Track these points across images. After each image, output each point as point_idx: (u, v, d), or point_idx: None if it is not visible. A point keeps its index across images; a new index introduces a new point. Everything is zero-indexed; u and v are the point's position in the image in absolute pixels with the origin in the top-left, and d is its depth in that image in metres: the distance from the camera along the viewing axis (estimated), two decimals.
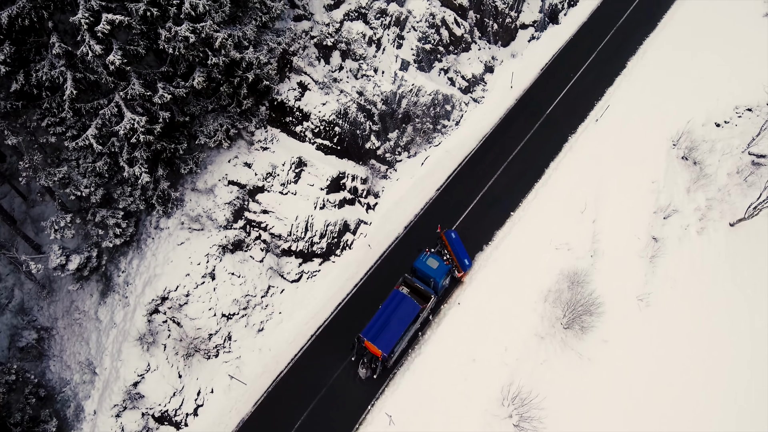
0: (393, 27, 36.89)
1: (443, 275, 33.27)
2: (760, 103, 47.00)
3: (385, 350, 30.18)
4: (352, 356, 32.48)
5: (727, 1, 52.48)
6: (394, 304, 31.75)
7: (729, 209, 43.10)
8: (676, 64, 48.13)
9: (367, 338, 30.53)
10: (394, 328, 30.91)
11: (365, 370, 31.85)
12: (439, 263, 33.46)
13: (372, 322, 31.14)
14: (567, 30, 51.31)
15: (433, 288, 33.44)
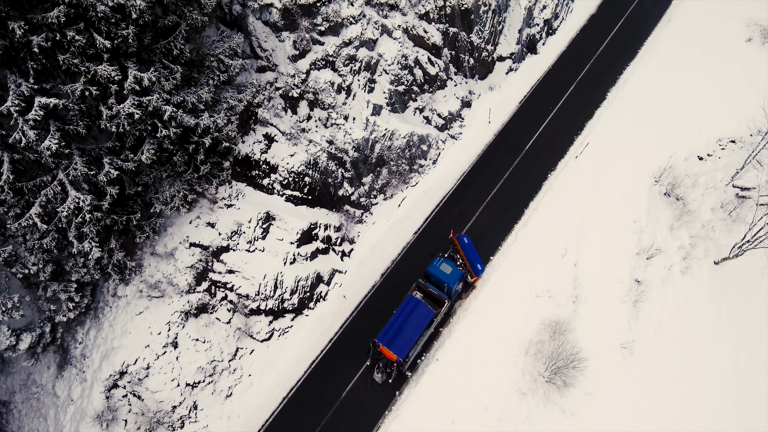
0: (363, 72, 35.60)
1: (457, 280, 33.98)
2: (744, 134, 46.27)
3: (400, 355, 30.70)
4: (367, 361, 32.92)
5: (708, 26, 51.71)
6: (408, 309, 32.28)
7: (713, 246, 42.21)
8: (656, 94, 47.26)
9: (382, 343, 31.02)
10: (409, 333, 31.45)
11: (381, 375, 32.52)
12: (453, 268, 34.08)
13: (387, 327, 31.62)
14: (546, 59, 50.31)
15: (446, 293, 34.05)
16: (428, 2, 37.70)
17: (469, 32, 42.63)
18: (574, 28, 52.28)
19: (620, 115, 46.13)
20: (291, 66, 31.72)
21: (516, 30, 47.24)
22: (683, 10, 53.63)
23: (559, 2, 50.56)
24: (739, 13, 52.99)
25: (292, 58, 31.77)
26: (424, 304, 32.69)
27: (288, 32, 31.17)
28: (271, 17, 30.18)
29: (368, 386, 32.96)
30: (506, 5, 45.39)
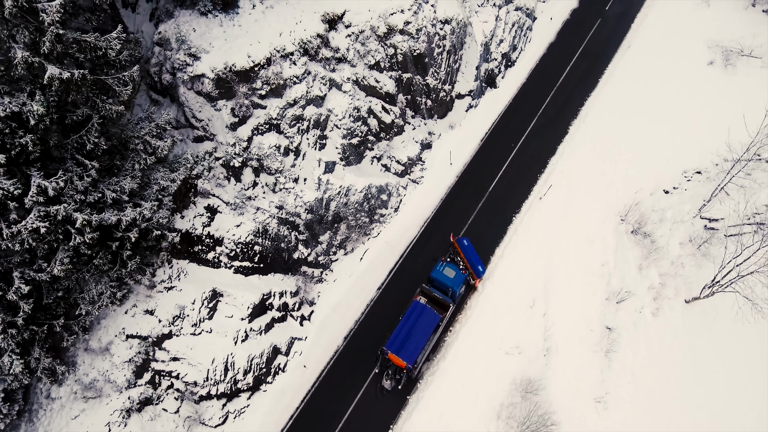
0: (313, 130, 33.66)
1: (460, 283, 34.57)
2: (709, 164, 45.64)
3: (409, 361, 31.12)
4: (375, 368, 33.34)
5: (669, 50, 51.08)
6: (415, 315, 32.72)
7: (683, 284, 41.29)
8: (618, 127, 46.33)
9: (390, 351, 31.46)
10: (417, 339, 31.85)
11: (390, 381, 32.91)
12: (456, 272, 34.70)
13: (394, 334, 32.03)
14: (506, 93, 49.05)
15: (450, 297, 34.57)
16: (378, 52, 35.95)
17: (424, 75, 41.03)
18: (534, 58, 51.18)
19: (583, 151, 45.05)
20: (230, 134, 29.61)
21: (473, 67, 45.86)
22: (643, 34, 53.01)
23: (516, 34, 49.39)
24: (700, 35, 52.54)
25: (231, 126, 29.65)
26: (429, 309, 33.11)
27: (225, 100, 29.07)
28: (204, 87, 28.06)
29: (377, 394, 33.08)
30: (461, 43, 43.96)
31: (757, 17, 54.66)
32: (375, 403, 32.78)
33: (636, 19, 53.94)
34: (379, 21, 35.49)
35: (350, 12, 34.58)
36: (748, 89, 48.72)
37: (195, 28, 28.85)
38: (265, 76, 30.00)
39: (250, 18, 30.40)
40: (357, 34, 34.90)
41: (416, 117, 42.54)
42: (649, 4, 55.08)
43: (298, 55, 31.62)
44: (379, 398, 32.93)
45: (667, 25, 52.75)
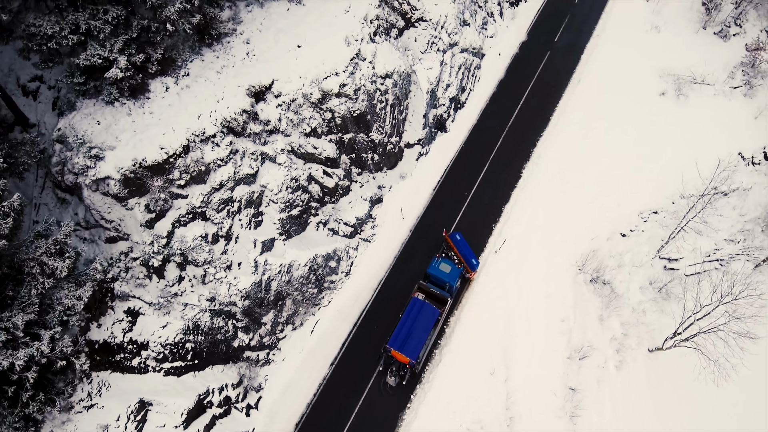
0: (246, 210, 30.98)
1: (456, 278, 35.29)
2: (665, 203, 44.40)
3: (412, 357, 31.90)
4: (379, 366, 34.03)
5: (619, 83, 49.73)
6: (415, 311, 33.40)
7: (646, 332, 39.88)
8: (572, 169, 44.71)
9: (393, 348, 32.13)
10: (418, 334, 32.65)
11: (394, 378, 33.62)
12: (452, 267, 35.45)
13: (396, 331, 32.71)
14: (457, 137, 47.04)
15: (448, 291, 35.13)
16: (314, 119, 33.49)
17: (368, 132, 38.72)
18: (483, 97, 49.34)
19: (537, 196, 43.29)
20: (147, 233, 26.75)
21: (421, 115, 43.73)
22: (593, 66, 51.64)
23: (464, 75, 47.49)
24: (651, 64, 51.40)
25: (147, 224, 26.80)
26: (429, 304, 33.83)
27: (137, 197, 26.21)
28: (110, 189, 25.17)
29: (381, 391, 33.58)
30: (406, 94, 41.79)
31: (708, 39, 53.91)
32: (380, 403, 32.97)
33: (585, 50, 52.59)
34: (312, 87, 33.04)
35: (279, 81, 32.05)
36: (701, 120, 47.77)
37: (99, 121, 25.94)
38: (183, 165, 27.23)
39: (163, 102, 27.62)
40: (289, 103, 32.39)
41: (363, 173, 40.19)
42: (598, 33, 53.82)
43: (222, 135, 28.93)
44: (384, 395, 33.82)
45: (618, 55, 51.49)
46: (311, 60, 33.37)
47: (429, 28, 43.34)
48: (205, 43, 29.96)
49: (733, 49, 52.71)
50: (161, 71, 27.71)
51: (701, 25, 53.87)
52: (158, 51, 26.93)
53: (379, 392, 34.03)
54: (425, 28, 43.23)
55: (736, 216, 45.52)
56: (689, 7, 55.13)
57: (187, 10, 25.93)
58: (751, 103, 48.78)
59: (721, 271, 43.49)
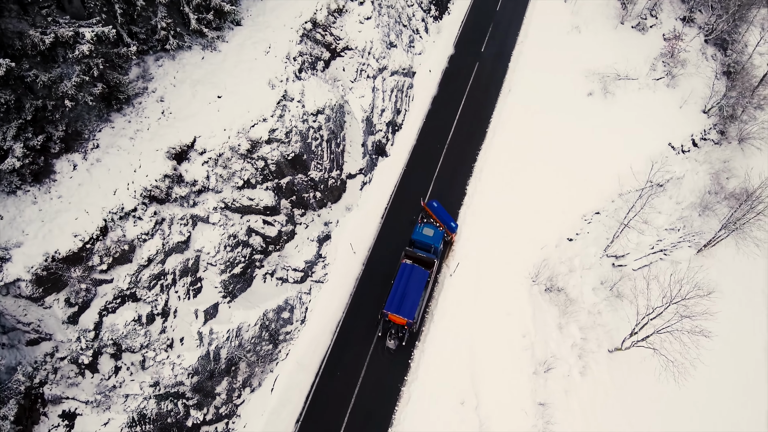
0: (181, 280, 28.60)
1: (440, 240, 36.76)
2: (605, 202, 44.79)
3: (409, 317, 33.15)
4: (378, 332, 35.56)
5: (547, 87, 49.79)
6: (405, 275, 34.74)
7: (604, 332, 40.08)
8: (514, 178, 44.39)
9: (390, 311, 33.32)
10: (412, 296, 33.96)
11: (393, 341, 35.14)
12: (434, 230, 36.95)
13: (391, 296, 33.88)
14: (398, 160, 45.82)
15: (433, 253, 36.39)
16: (245, 170, 31.39)
17: (307, 171, 36.90)
18: (420, 116, 48.35)
19: (484, 212, 42.66)
20: (72, 329, 24.03)
21: (359, 144, 42.23)
22: (521, 73, 51.59)
23: (398, 97, 46.32)
24: (576, 65, 51.82)
25: (70, 319, 24.07)
26: (418, 267, 35.19)
27: (54, 294, 23.46)
28: (22, 291, 22.37)
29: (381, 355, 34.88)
30: (341, 126, 40.19)
31: (627, 34, 54.93)
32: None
33: (512, 57, 52.51)
34: (240, 138, 30.92)
35: (202, 137, 29.77)
36: (630, 116, 48.53)
37: (1, 215, 23.03)
38: (103, 249, 24.63)
39: (72, 183, 24.88)
40: (216, 159, 30.16)
41: (307, 213, 38.32)
42: (522, 39, 53.88)
43: (144, 207, 26.44)
44: (385, 360, 35.05)
45: (543, 59, 51.64)
46: (235, 110, 31.24)
47: (356, 56, 41.85)
48: (114, 108, 27.33)
49: (652, 40, 54.00)
50: (66, 148, 24.96)
51: (619, 20, 54.86)
52: (60, 128, 24.19)
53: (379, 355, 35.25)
54: (352, 57, 41.71)
55: (674, 205, 46.57)
56: (606, 4, 56.08)
57: (87, 81, 23.35)
58: (674, 93, 50.02)
59: (668, 261, 44.42)
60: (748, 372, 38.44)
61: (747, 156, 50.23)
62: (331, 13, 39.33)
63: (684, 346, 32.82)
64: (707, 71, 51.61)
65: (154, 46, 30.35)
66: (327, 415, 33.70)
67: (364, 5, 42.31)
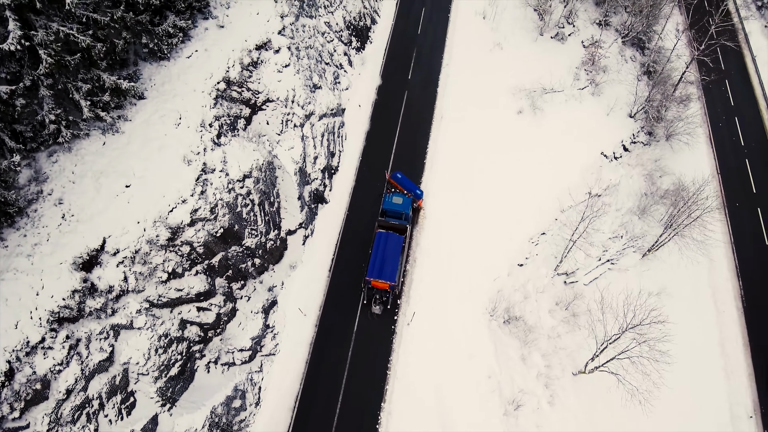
0: (111, 401, 25.31)
1: (409, 207, 38.81)
2: (549, 222, 44.28)
3: (391, 280, 34.76)
4: (363, 300, 37.01)
5: (477, 110, 48.87)
6: (382, 243, 36.18)
7: (566, 355, 39.46)
8: (457, 211, 43.10)
9: (372, 277, 34.79)
10: (391, 260, 35.40)
11: (379, 306, 36.62)
12: (403, 198, 39.15)
13: (371, 264, 35.39)
14: (339, 205, 43.63)
15: (405, 219, 38.19)
16: (169, 260, 28.30)
17: (241, 241, 34.09)
18: (355, 155, 46.34)
19: (432, 251, 41.17)
20: None
21: (295, 198, 39.72)
22: (450, 98, 50.43)
23: (330, 140, 44.07)
24: (502, 83, 51.15)
25: None
26: (393, 233, 36.79)
27: None
28: None
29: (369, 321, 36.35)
30: (273, 183, 37.58)
31: (548, 45, 54.83)
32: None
33: (439, 82, 51.32)
34: (158, 227, 27.83)
35: (113, 236, 26.50)
36: (561, 130, 48.32)
37: None
38: (11, 393, 21.16)
39: None
40: (132, 257, 26.95)
41: (247, 284, 35.55)
42: (447, 62, 52.78)
43: (53, 334, 23.05)
44: (372, 323, 36.64)
45: (470, 81, 50.72)
46: (148, 197, 28.11)
47: (279, 106, 39.26)
48: (5, 224, 23.71)
49: (572, 49, 54.15)
50: None
51: (538, 32, 54.70)
52: None
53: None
54: (275, 108, 39.10)
55: (614, 212, 46.68)
56: (524, 17, 55.81)
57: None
58: (600, 101, 50.23)
59: (615, 270, 44.42)
60: (707, 383, 38.73)
61: (676, 151, 51.18)
62: (245, 68, 36.56)
63: (645, 370, 32.40)
64: (628, 74, 52.24)
65: (45, 141, 26.76)
66: None
67: (280, 53, 39.71)
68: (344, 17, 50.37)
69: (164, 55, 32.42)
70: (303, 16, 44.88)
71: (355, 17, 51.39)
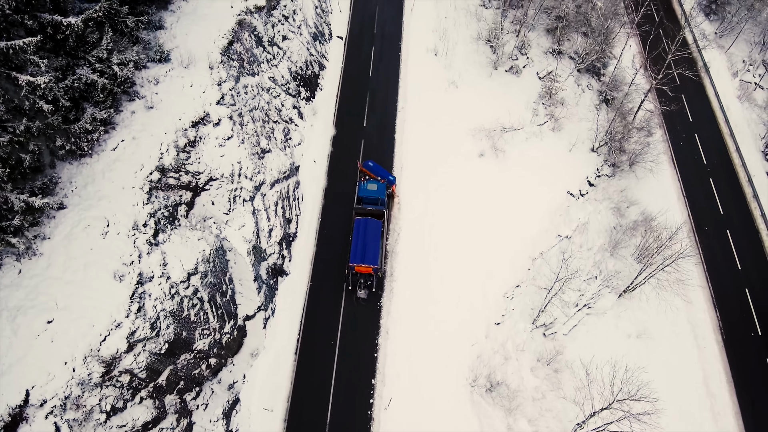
0: None
1: (384, 192, 40.13)
2: (522, 274, 42.27)
3: (374, 263, 35.88)
4: (348, 286, 37.88)
5: (439, 155, 46.61)
6: (361, 229, 37.45)
7: (552, 418, 37.49)
8: (427, 272, 40.65)
9: (356, 263, 35.88)
10: (372, 245, 36.57)
11: (364, 290, 37.50)
12: (377, 185, 40.40)
13: (353, 251, 36.41)
14: (301, 274, 40.54)
15: (381, 205, 39.51)
16: (106, 397, 24.74)
17: (190, 347, 30.70)
18: (314, 216, 43.40)
19: (405, 319, 38.64)
20: None
21: (251, 280, 36.50)
22: (408, 146, 47.96)
23: (285, 207, 40.97)
24: (461, 125, 49.06)
25: None
26: (371, 219, 38.08)
27: None
28: None
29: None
30: (224, 269, 34.29)
31: (503, 80, 53.13)
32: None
33: (396, 128, 48.89)
34: (89, 363, 24.32)
35: (37, 386, 22.95)
36: (524, 171, 46.49)
37: None
38: None
39: None
40: (63, 404, 23.38)
41: (203, 390, 32.16)
42: (402, 105, 50.36)
43: None
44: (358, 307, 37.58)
45: (428, 124, 48.42)
46: (75, 330, 24.54)
47: (225, 183, 35.93)
48: None
49: (528, 82, 52.54)
50: None
51: (492, 66, 52.87)
52: None
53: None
54: (220, 186, 35.76)
55: (586, 252, 45.08)
56: (476, 51, 53.91)
57: None
58: (561, 136, 48.67)
59: (593, 314, 42.79)
60: (696, 428, 37.42)
61: (640, 178, 50.18)
62: (181, 150, 33.13)
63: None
64: (587, 104, 50.88)
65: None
66: None
67: (221, 125, 36.39)
68: (290, 68, 47.28)
69: (85, 152, 28.70)
70: (244, 76, 41.61)
71: (301, 67, 48.36)
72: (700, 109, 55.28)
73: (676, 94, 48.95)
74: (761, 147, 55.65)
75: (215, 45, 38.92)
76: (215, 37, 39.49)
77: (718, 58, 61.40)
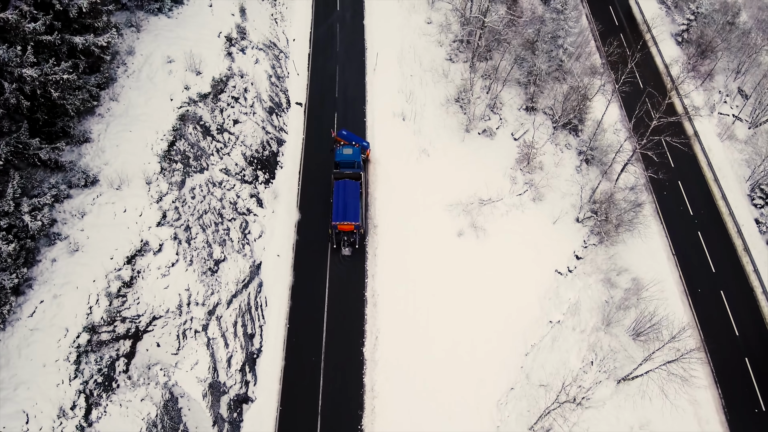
0: None
1: (359, 155, 41.55)
2: (515, 371, 38.40)
3: (355, 220, 38.13)
4: (333, 245, 39.86)
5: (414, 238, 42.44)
6: (341, 190, 39.25)
7: None
8: (412, 381, 36.54)
9: (338, 221, 38.04)
10: (353, 204, 38.66)
11: (348, 248, 39.78)
12: (352, 149, 41.71)
13: (335, 210, 38.44)
14: (268, 399, 35.87)
15: (357, 168, 41.22)
16: None
17: None
18: (281, 323, 38.79)
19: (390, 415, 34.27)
20: None
21: (209, 424, 31.64)
22: (382, 232, 43.09)
23: (246, 321, 36.27)
24: (436, 201, 44.76)
25: None
26: (349, 180, 39.76)
27: None
28: None
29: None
30: (176, 422, 29.30)
31: (477, 144, 49.20)
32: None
33: (368, 210, 44.14)
34: None
35: None
36: (508, 250, 42.58)
37: None
38: None
39: None
40: None
41: None
42: (372, 180, 45.76)
43: None
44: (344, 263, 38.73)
45: (401, 205, 44.03)
46: None
47: (171, 318, 31.08)
48: None
49: (503, 145, 48.68)
50: None
51: (464, 129, 48.75)
52: None
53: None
54: (166, 323, 30.99)
55: (578, 335, 41.42)
56: (446, 113, 49.79)
57: None
58: (543, 207, 44.91)
59: (592, 409, 39.10)
60: None
61: (628, 241, 46.71)
62: (114, 298, 28.01)
63: None
64: (566, 166, 47.20)
65: None
66: None
67: (163, 250, 31.48)
68: (244, 153, 42.35)
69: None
70: (191, 176, 36.64)
71: (257, 149, 43.48)
72: (681, 153, 52.04)
73: (657, 136, 44.41)
74: (746, 190, 52.96)
75: (153, 152, 33.84)
76: (153, 141, 34.40)
77: (694, 95, 58.53)
